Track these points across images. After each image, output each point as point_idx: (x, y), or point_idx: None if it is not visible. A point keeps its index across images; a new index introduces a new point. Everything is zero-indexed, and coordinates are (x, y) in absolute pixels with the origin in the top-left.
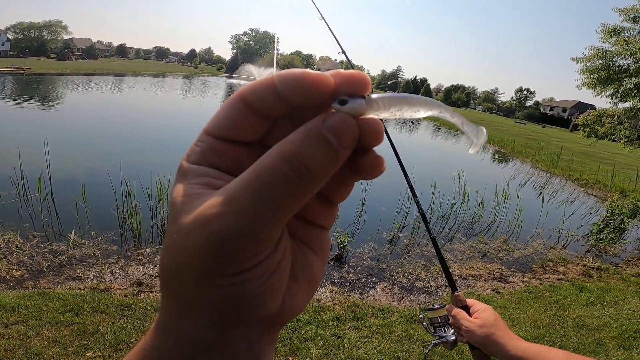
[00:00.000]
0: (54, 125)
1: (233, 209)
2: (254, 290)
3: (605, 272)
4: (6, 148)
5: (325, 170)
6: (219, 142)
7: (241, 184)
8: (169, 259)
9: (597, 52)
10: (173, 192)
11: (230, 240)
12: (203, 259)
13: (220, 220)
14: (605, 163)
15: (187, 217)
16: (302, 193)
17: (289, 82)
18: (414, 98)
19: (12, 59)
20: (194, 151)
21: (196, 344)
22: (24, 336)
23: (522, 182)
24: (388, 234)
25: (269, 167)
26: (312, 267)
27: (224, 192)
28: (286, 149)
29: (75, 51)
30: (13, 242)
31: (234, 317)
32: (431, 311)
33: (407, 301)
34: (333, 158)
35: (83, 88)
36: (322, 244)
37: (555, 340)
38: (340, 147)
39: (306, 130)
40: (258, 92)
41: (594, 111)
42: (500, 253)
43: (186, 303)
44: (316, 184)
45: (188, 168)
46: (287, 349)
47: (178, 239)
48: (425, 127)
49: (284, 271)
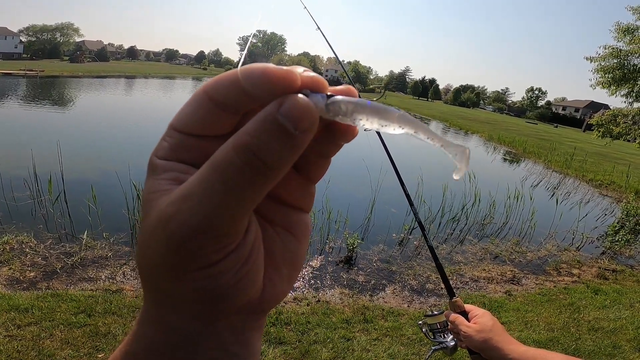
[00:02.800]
0: (66, 127)
1: (189, 205)
2: (227, 283)
3: (621, 274)
4: (20, 150)
5: (282, 159)
6: (186, 137)
7: (197, 179)
8: (140, 256)
9: (612, 51)
10: (144, 189)
11: (190, 237)
12: (167, 257)
13: (178, 218)
14: (619, 163)
15: (152, 214)
16: (260, 185)
17: (252, 78)
18: (386, 110)
19: (25, 61)
20: (162, 146)
21: (180, 333)
22: (37, 337)
23: (535, 183)
24: (398, 235)
25: (223, 160)
26: (292, 253)
27: (182, 189)
28: (239, 140)
29: (87, 53)
30: (27, 244)
31: (212, 308)
32: (430, 317)
33: (418, 304)
34: (290, 145)
35: (95, 90)
36: (302, 227)
37: (570, 343)
38: (298, 131)
39: (260, 118)
40: (222, 88)
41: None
42: (513, 255)
43: (164, 297)
44: (274, 174)
45: (156, 164)
46: (297, 352)
47: (145, 237)
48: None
49: (258, 260)
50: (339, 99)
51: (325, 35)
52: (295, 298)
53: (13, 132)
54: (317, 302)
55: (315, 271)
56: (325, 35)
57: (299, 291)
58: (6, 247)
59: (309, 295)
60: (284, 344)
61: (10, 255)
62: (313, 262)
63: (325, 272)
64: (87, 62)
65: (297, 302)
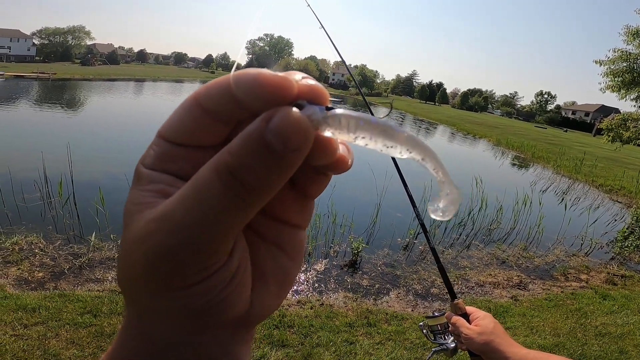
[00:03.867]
0: (76, 130)
1: (167, 226)
2: (208, 303)
3: (630, 279)
4: (31, 152)
5: (269, 182)
6: (174, 147)
7: (177, 199)
8: (120, 270)
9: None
10: (127, 198)
11: (167, 258)
12: (145, 275)
13: (155, 238)
14: (630, 168)
15: (132, 229)
16: (242, 210)
17: (243, 85)
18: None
19: (38, 64)
20: (149, 154)
21: (162, 345)
22: (43, 337)
23: (544, 188)
24: (403, 240)
25: (204, 181)
26: (284, 271)
27: (163, 206)
28: (221, 159)
29: (98, 56)
30: (36, 244)
31: (195, 323)
32: (431, 319)
33: (422, 308)
34: (278, 166)
35: (105, 93)
36: (296, 245)
37: (576, 348)
38: (288, 151)
39: (244, 135)
40: (213, 95)
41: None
42: (520, 260)
43: (144, 310)
44: (259, 199)
45: (142, 173)
46: (299, 355)
47: (125, 252)
48: (441, 132)
49: (244, 279)
50: (340, 112)
51: (328, 34)
52: (299, 301)
53: (24, 134)
54: (320, 305)
55: (320, 275)
56: (328, 33)
57: (302, 294)
58: (15, 247)
59: (312, 298)
60: (286, 347)
61: (19, 255)
62: (317, 265)
63: (330, 275)
64: (99, 64)
65: (301, 305)
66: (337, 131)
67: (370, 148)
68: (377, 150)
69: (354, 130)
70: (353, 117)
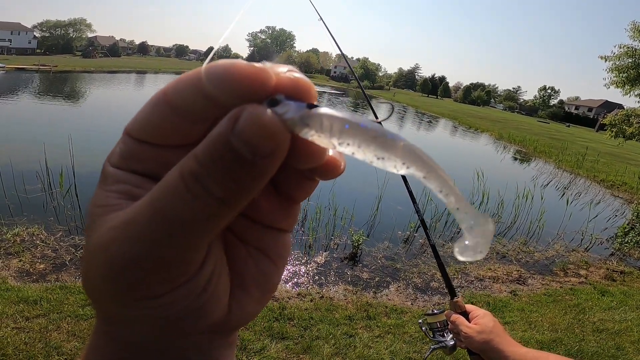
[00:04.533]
0: (78, 121)
1: (130, 234)
2: (178, 313)
3: (629, 276)
4: (32, 144)
5: (238, 192)
6: (141, 145)
7: (142, 205)
8: (83, 276)
9: (627, 51)
10: (92, 198)
11: (128, 269)
12: (107, 284)
13: (118, 246)
14: (632, 164)
15: (94, 234)
16: (210, 221)
17: (215, 78)
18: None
19: (39, 56)
20: (115, 152)
21: (134, 349)
22: (44, 329)
23: (545, 182)
24: (403, 233)
25: (169, 188)
26: (265, 276)
27: (126, 212)
28: (186, 166)
29: (99, 49)
30: (37, 236)
31: (168, 331)
32: (430, 316)
33: (421, 302)
34: (248, 175)
35: (106, 85)
36: (280, 249)
37: (573, 344)
38: (258, 157)
39: (209, 139)
40: (181, 91)
41: (622, 111)
42: (520, 255)
43: (112, 318)
44: (228, 209)
45: (108, 172)
46: (299, 347)
47: (86, 256)
48: (443, 125)
49: (219, 287)
50: (322, 112)
51: (327, 26)
52: (299, 294)
53: (26, 126)
54: (320, 298)
55: (320, 267)
56: (327, 25)
57: (302, 287)
58: (17, 239)
59: (312, 291)
60: (286, 339)
61: (20, 247)
62: (317, 258)
63: (330, 268)
64: (100, 57)
65: (301, 298)
66: (317, 134)
67: (358, 158)
68: (367, 162)
69: (338, 135)
70: (338, 119)
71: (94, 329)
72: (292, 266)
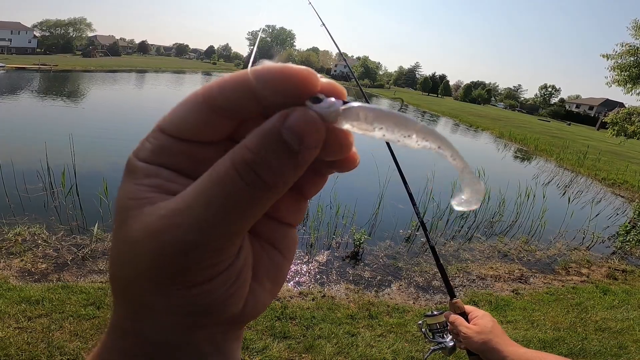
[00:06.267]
0: (79, 121)
1: (185, 220)
2: (215, 300)
3: (631, 274)
4: (33, 143)
5: (284, 178)
6: (174, 141)
7: (194, 193)
8: (118, 269)
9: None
10: (120, 191)
11: (182, 254)
12: (154, 272)
13: (172, 233)
14: (634, 162)
15: (135, 225)
16: (260, 203)
17: (269, 80)
18: (408, 120)
19: (39, 56)
20: (145, 147)
21: (155, 345)
22: (46, 329)
23: (546, 181)
24: (405, 232)
25: (222, 176)
26: (277, 268)
27: (176, 201)
28: (240, 155)
29: (100, 48)
30: (39, 235)
31: (194, 321)
32: (430, 317)
33: (423, 300)
34: (293, 163)
35: (107, 84)
36: (289, 242)
37: (575, 343)
38: (303, 148)
39: (262, 132)
40: (227, 92)
41: (624, 109)
42: (521, 253)
43: (142, 308)
44: (275, 193)
45: (137, 166)
46: (301, 346)
47: (125, 248)
48: (444, 124)
49: (246, 277)
50: (357, 105)
51: (329, 32)
52: (301, 293)
53: (27, 125)
54: (322, 297)
55: (321, 266)
56: (329, 31)
57: (304, 286)
58: (18, 238)
59: (314, 290)
60: (288, 338)
61: (22, 247)
62: (319, 257)
63: (332, 267)
64: (100, 56)
65: (303, 297)
66: (356, 123)
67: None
68: (394, 141)
69: (372, 122)
70: (370, 109)
71: (109, 327)
72: (293, 265)
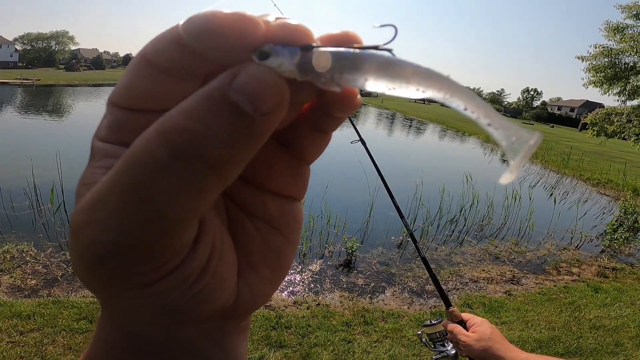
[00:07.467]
0: (65, 137)
1: (99, 216)
2: (174, 301)
3: (621, 272)
4: (19, 160)
5: (235, 153)
6: (129, 113)
7: (109, 180)
8: (74, 266)
9: (602, 50)
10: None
11: (105, 257)
12: (90, 274)
13: (88, 233)
14: (616, 162)
15: (74, 217)
16: (201, 190)
17: (195, 31)
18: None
19: (21, 70)
20: (102, 125)
21: (140, 339)
22: (39, 343)
23: (532, 183)
24: (396, 238)
25: (140, 154)
26: (276, 251)
27: (92, 193)
28: (168, 122)
29: (83, 62)
30: (27, 252)
31: (172, 319)
32: (428, 327)
33: (418, 305)
34: (247, 133)
35: (91, 99)
36: (289, 220)
37: (571, 341)
38: (259, 113)
39: (203, 93)
40: (163, 49)
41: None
42: (512, 255)
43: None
44: (222, 175)
45: (96, 147)
46: (297, 355)
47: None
48: (431, 130)
49: (221, 268)
50: (325, 50)
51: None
52: (296, 302)
53: (11, 142)
54: (317, 305)
55: (315, 275)
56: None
57: (299, 295)
58: (7, 256)
59: (309, 298)
60: (284, 348)
61: (11, 264)
62: (312, 266)
63: (325, 275)
64: (84, 70)
65: (297, 306)
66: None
67: (370, 90)
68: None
69: (350, 71)
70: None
71: (98, 323)
72: (287, 275)
